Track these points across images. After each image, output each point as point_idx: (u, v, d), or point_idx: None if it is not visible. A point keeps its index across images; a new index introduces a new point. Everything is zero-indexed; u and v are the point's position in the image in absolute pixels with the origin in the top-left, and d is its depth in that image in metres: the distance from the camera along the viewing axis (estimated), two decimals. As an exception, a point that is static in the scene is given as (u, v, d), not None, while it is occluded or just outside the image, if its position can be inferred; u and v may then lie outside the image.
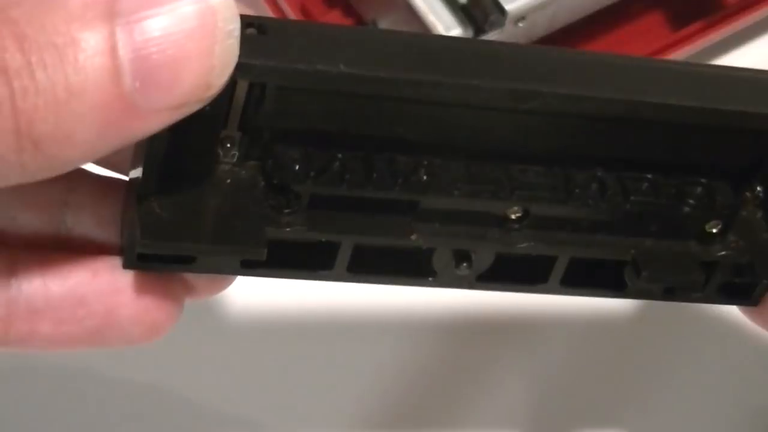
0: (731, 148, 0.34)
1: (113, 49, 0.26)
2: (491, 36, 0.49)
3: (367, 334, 0.49)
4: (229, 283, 0.34)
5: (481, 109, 0.32)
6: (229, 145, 0.31)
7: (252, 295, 0.48)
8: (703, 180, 0.34)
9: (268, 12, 0.52)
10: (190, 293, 0.33)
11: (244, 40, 0.28)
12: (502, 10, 0.49)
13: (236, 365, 0.48)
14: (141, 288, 0.31)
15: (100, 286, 0.31)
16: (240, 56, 0.28)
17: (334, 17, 0.52)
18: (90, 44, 0.26)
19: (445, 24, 0.49)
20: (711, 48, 0.57)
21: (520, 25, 0.50)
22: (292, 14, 0.51)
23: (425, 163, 0.32)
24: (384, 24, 0.51)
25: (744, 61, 0.58)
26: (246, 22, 0.29)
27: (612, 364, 0.50)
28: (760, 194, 0.35)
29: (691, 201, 0.34)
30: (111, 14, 0.27)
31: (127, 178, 0.33)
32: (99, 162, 0.33)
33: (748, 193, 0.35)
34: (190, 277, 0.33)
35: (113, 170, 0.33)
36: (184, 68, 0.27)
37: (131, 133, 0.27)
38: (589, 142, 0.33)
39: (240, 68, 0.28)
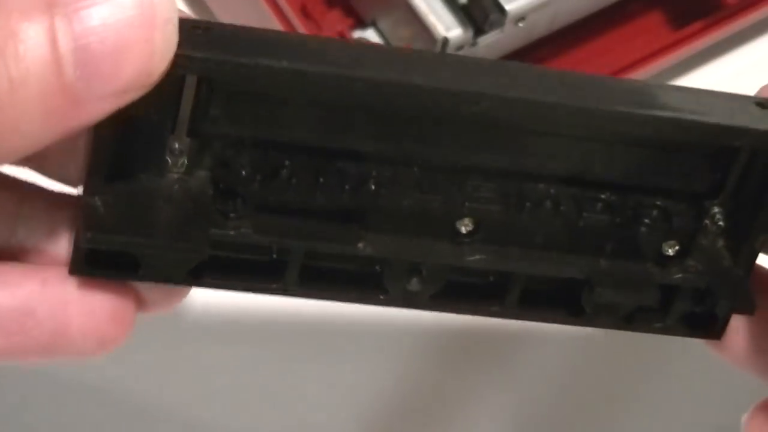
0: (690, 171, 0.34)
1: (53, 40, 0.27)
2: (491, 36, 0.49)
3: (348, 349, 0.49)
4: (181, 297, 0.33)
5: (434, 120, 0.32)
6: (177, 153, 0.31)
7: (232, 307, 0.48)
8: (660, 203, 0.34)
9: (268, 12, 0.52)
10: (141, 307, 0.32)
11: (191, 38, 0.28)
12: (502, 10, 0.49)
13: (209, 379, 0.48)
14: (90, 300, 0.31)
15: (50, 297, 0.31)
16: (184, 50, 0.28)
17: (334, 17, 0.52)
18: (30, 35, 0.27)
19: (445, 24, 0.49)
20: (711, 48, 0.57)
21: (520, 25, 0.50)
22: (292, 14, 0.51)
23: (374, 173, 0.32)
24: (384, 24, 0.51)
25: (744, 61, 0.58)
26: (193, 23, 0.29)
27: (593, 382, 0.50)
28: (719, 221, 0.34)
29: (647, 221, 0.34)
30: (50, 5, 0.27)
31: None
32: (52, 175, 0.33)
33: (707, 221, 0.34)
34: (141, 289, 0.32)
35: (67, 184, 0.33)
36: (125, 56, 0.27)
37: (75, 121, 0.28)
38: (543, 159, 0.33)
39: (183, 61, 0.28)
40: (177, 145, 0.31)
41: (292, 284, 0.33)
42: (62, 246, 0.32)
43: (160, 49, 0.28)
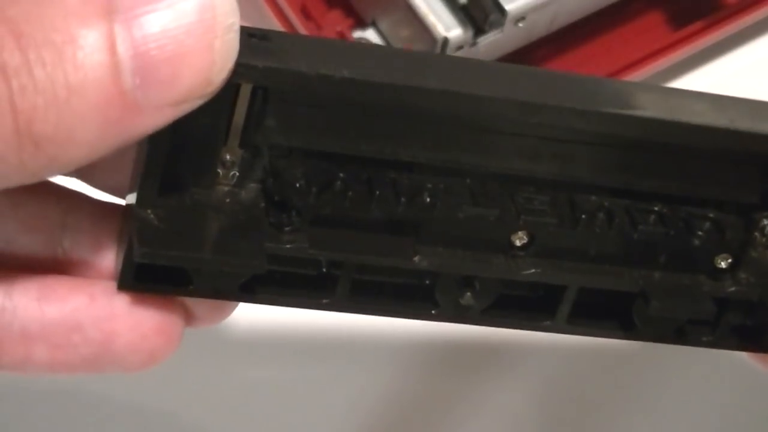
0: (741, 183, 0.34)
1: (112, 46, 0.26)
2: (491, 36, 0.49)
3: (353, 357, 0.49)
4: (230, 311, 0.33)
5: (487, 130, 0.32)
6: (229, 165, 0.31)
7: (241, 317, 0.48)
8: (712, 214, 0.34)
9: (268, 12, 0.52)
10: (189, 321, 0.32)
11: (247, 47, 0.28)
12: (502, 10, 0.49)
13: (218, 387, 0.48)
14: (138, 314, 0.31)
15: (97, 311, 0.31)
16: (242, 59, 0.28)
17: (335, 17, 0.51)
18: (88, 41, 0.26)
19: (445, 24, 0.49)
20: (711, 48, 0.57)
21: (520, 25, 0.50)
22: (292, 14, 0.51)
23: (429, 185, 0.32)
24: (384, 24, 0.51)
25: (744, 61, 0.58)
26: (249, 32, 0.28)
27: (598, 391, 0.50)
28: None
29: (700, 233, 0.34)
30: (109, 11, 0.26)
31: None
32: (98, 185, 0.33)
33: (757, 234, 0.34)
34: (190, 303, 0.32)
35: (112, 194, 0.33)
36: (184, 64, 0.27)
37: (132, 131, 0.27)
38: (596, 170, 0.33)
39: (242, 70, 0.28)
40: (228, 157, 0.30)
41: (343, 299, 0.32)
42: (107, 258, 0.32)
43: (220, 57, 0.27)
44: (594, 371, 0.50)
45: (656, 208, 0.34)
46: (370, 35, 0.51)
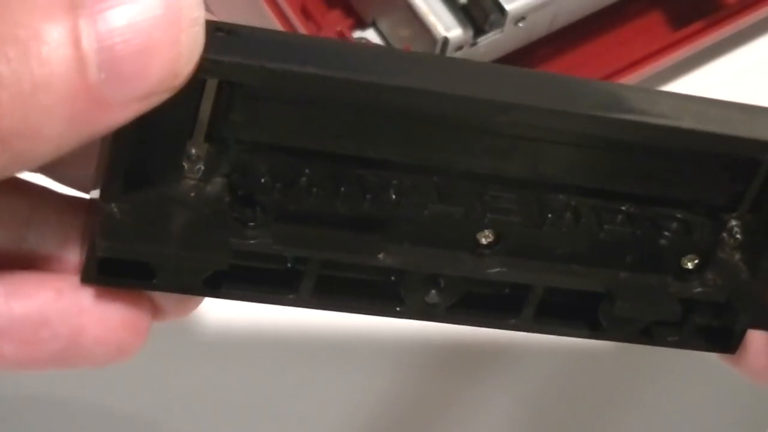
0: (709, 184, 0.34)
1: (77, 41, 0.26)
2: (491, 36, 0.49)
3: (344, 357, 0.49)
4: (196, 305, 0.33)
5: (455, 128, 0.31)
6: (195, 158, 0.30)
7: (228, 315, 0.48)
8: (680, 215, 0.34)
9: (268, 12, 0.52)
10: (156, 315, 0.32)
11: (213, 41, 0.28)
12: (502, 10, 0.49)
13: (206, 389, 0.48)
14: (105, 309, 0.31)
15: (64, 306, 0.30)
16: (208, 53, 0.28)
17: (335, 17, 0.51)
18: (53, 36, 0.26)
19: (445, 24, 0.49)
20: (711, 48, 0.57)
21: (520, 25, 0.50)
22: (292, 14, 0.51)
23: (395, 182, 0.32)
24: (384, 24, 0.51)
25: (744, 61, 0.58)
26: (216, 26, 0.28)
27: (593, 393, 0.50)
28: (737, 234, 0.34)
29: (667, 234, 0.33)
30: (74, 5, 0.26)
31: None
32: (63, 180, 0.32)
33: (725, 235, 0.34)
34: (156, 297, 0.32)
35: (78, 189, 0.33)
36: (151, 58, 0.27)
37: (99, 125, 0.27)
38: (565, 170, 0.33)
39: (207, 65, 0.28)
40: (194, 151, 0.30)
41: (308, 295, 0.32)
42: (74, 252, 0.32)
43: (186, 50, 0.27)
44: (590, 373, 0.50)
45: (624, 208, 0.33)
46: (370, 35, 0.51)
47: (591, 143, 0.32)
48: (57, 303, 0.30)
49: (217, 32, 0.28)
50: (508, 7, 0.49)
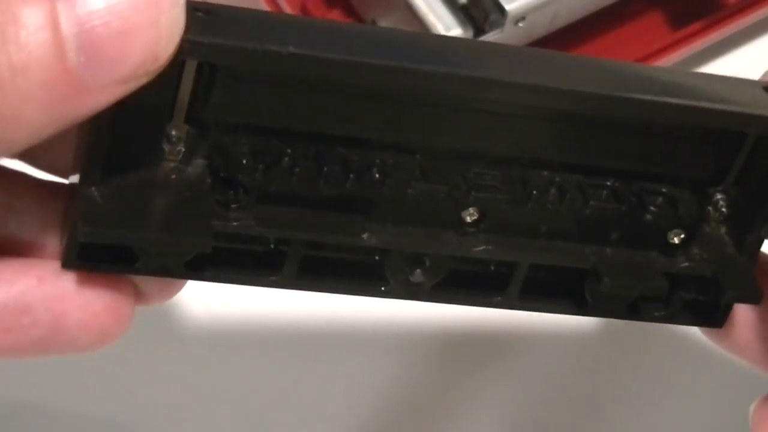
0: (694, 158, 0.34)
1: (55, 24, 0.26)
2: (491, 36, 0.49)
3: (345, 348, 0.49)
4: (179, 289, 0.33)
5: (438, 106, 0.31)
6: (175, 140, 0.30)
7: (226, 305, 0.47)
8: (665, 189, 0.34)
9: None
10: (139, 300, 0.32)
11: (193, 22, 0.28)
12: (502, 10, 0.49)
13: (203, 380, 0.48)
14: (88, 294, 0.30)
15: (46, 292, 0.30)
16: (188, 35, 0.27)
17: (335, 17, 0.52)
18: (31, 20, 0.26)
19: (445, 24, 0.49)
20: (711, 48, 0.57)
21: (520, 25, 0.50)
22: (292, 14, 0.51)
23: (378, 161, 0.31)
24: (384, 24, 0.51)
25: (744, 61, 0.58)
26: (194, 6, 0.28)
27: (596, 385, 0.50)
28: (723, 208, 0.34)
29: (653, 209, 0.33)
30: None
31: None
32: (43, 166, 0.32)
33: (710, 209, 0.34)
34: (138, 281, 0.31)
35: (58, 175, 0.33)
36: (130, 41, 0.26)
37: (79, 109, 0.27)
38: (548, 147, 0.33)
39: (187, 46, 0.27)
40: (174, 133, 0.30)
41: (292, 277, 0.32)
42: (55, 238, 0.32)
43: (166, 32, 0.27)
44: (592, 366, 0.50)
45: (609, 183, 0.33)
46: (370, 35, 0.51)
47: (575, 119, 0.32)
48: (38, 289, 0.30)
49: (196, 12, 0.28)
50: (508, 7, 0.49)
